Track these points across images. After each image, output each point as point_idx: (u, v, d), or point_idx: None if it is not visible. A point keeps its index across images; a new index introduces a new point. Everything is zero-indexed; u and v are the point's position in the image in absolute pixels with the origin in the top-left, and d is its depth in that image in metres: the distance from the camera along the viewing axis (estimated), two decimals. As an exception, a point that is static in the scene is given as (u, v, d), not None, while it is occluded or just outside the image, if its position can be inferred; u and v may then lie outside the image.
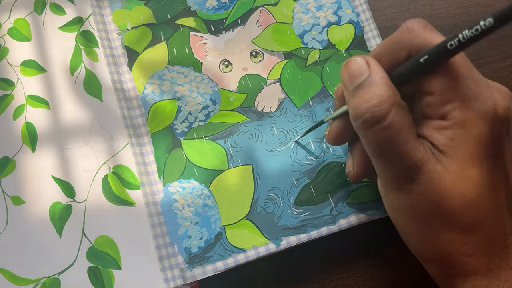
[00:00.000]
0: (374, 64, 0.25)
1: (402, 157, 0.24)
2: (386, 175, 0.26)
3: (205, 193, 0.34)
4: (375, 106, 0.24)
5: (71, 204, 0.35)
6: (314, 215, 0.33)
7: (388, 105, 0.24)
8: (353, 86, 0.25)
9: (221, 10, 0.39)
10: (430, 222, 0.25)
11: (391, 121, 0.24)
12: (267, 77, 0.37)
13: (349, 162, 0.31)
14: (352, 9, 0.38)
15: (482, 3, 0.38)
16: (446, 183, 0.24)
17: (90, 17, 0.39)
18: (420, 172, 0.24)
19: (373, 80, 0.25)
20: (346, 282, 0.33)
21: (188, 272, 0.32)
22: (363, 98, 0.24)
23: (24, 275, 0.33)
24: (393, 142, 0.24)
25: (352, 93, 0.25)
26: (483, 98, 0.24)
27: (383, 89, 0.24)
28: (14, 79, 0.38)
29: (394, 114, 0.24)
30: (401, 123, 0.24)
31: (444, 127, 0.24)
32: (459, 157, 0.24)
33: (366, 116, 0.24)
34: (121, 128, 0.36)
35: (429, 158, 0.24)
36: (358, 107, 0.25)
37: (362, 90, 0.25)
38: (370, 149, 0.26)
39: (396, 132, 0.24)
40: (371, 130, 0.24)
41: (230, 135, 0.36)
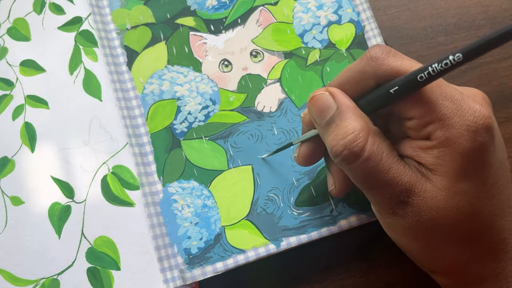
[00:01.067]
0: (339, 95, 0.26)
1: (389, 185, 0.24)
2: (377, 203, 0.26)
3: (204, 194, 0.34)
4: (351, 141, 0.24)
5: (70, 205, 0.35)
6: (315, 216, 0.33)
7: (364, 136, 0.24)
8: (323, 122, 0.26)
9: (221, 9, 0.39)
10: (430, 239, 0.25)
11: (369, 152, 0.24)
12: (267, 77, 0.37)
13: (330, 180, 0.31)
14: (353, 8, 0.38)
15: (483, 2, 0.38)
16: (439, 200, 0.24)
17: (89, 17, 0.39)
18: (412, 194, 0.24)
19: (342, 113, 0.25)
20: (346, 282, 0.33)
21: (187, 273, 0.32)
22: (337, 135, 0.25)
23: (23, 275, 0.33)
24: (377, 172, 0.24)
25: (324, 128, 0.26)
26: (461, 113, 0.24)
27: (354, 121, 0.25)
28: (13, 79, 0.38)
29: (371, 144, 0.24)
30: (379, 151, 0.24)
31: (429, 147, 0.24)
32: (448, 173, 0.24)
33: (344, 153, 0.24)
34: (121, 128, 0.36)
35: (417, 178, 0.24)
36: (335, 145, 0.25)
37: (334, 125, 0.25)
38: (356, 182, 0.26)
39: (377, 161, 0.24)
40: (352, 166, 0.25)
41: (230, 135, 0.36)
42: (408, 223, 0.25)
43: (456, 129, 0.24)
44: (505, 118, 0.36)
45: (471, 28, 0.38)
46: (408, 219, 0.25)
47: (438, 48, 0.37)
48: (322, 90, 0.26)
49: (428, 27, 0.38)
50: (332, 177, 0.31)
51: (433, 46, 0.37)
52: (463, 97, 0.24)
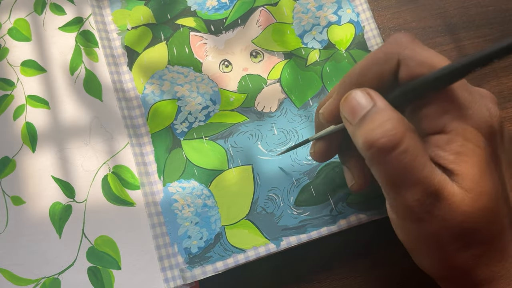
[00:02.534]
0: (375, 93, 0.25)
1: (422, 184, 0.23)
2: (402, 205, 0.24)
3: (205, 193, 0.34)
4: (390, 130, 0.23)
5: (71, 204, 0.35)
6: (314, 215, 0.33)
7: (402, 128, 0.23)
8: (358, 118, 0.24)
9: (221, 10, 0.39)
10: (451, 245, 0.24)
11: (408, 144, 0.23)
12: (267, 77, 0.37)
13: (348, 176, 0.30)
14: (352, 9, 0.38)
15: (482, 3, 0.38)
16: (466, 203, 0.23)
17: (90, 17, 0.39)
18: (440, 197, 0.23)
19: (379, 108, 0.24)
20: (346, 282, 0.33)
21: (188, 272, 0.32)
22: (374, 125, 0.23)
23: (24, 275, 0.33)
24: (412, 167, 0.23)
25: (358, 124, 0.24)
26: (478, 107, 0.23)
27: (392, 114, 0.23)
28: (14, 79, 0.38)
29: (409, 137, 0.23)
30: (417, 146, 0.23)
31: (447, 142, 0.23)
32: (471, 172, 0.23)
33: (381, 141, 0.23)
34: (121, 128, 0.36)
35: (446, 181, 0.23)
36: (370, 134, 0.23)
37: (369, 119, 0.24)
38: (386, 178, 0.24)
39: (414, 156, 0.23)
40: (388, 158, 0.23)
41: (230, 135, 0.36)
42: (432, 228, 0.24)
43: (473, 121, 0.23)
44: (504, 118, 0.36)
45: (471, 29, 0.38)
46: (433, 224, 0.23)
47: (438, 48, 0.37)
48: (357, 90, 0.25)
49: (428, 27, 0.38)
50: (350, 172, 0.30)
51: (433, 47, 0.38)
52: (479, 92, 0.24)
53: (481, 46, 0.37)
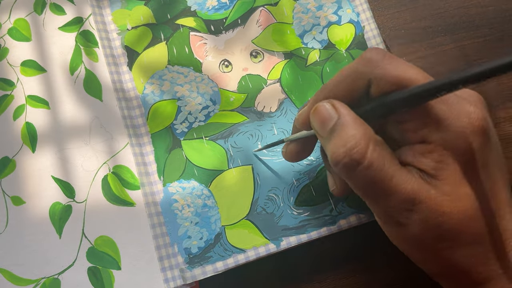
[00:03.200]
0: (340, 105, 0.26)
1: (392, 193, 0.24)
2: (380, 213, 0.26)
3: (205, 193, 0.34)
4: (352, 148, 0.24)
5: (71, 204, 0.35)
6: (314, 216, 0.33)
7: (364, 143, 0.24)
8: (325, 132, 0.25)
9: (221, 10, 0.39)
10: (436, 245, 0.25)
11: (371, 159, 0.24)
12: (267, 77, 0.37)
13: (330, 180, 0.31)
14: (353, 9, 0.38)
15: (482, 3, 0.38)
16: (444, 205, 0.24)
17: (90, 17, 0.39)
18: (416, 202, 0.24)
19: (343, 121, 0.25)
20: (346, 282, 0.33)
21: (188, 273, 0.32)
22: (338, 142, 0.24)
23: (24, 275, 0.33)
24: (378, 180, 0.24)
25: (326, 139, 0.25)
26: (456, 115, 0.24)
27: (355, 129, 0.24)
28: (14, 79, 0.38)
29: (372, 150, 0.24)
30: (381, 158, 0.24)
31: (428, 151, 0.24)
32: (450, 177, 0.24)
33: (345, 160, 0.24)
34: (121, 128, 0.36)
35: (421, 186, 0.24)
36: (336, 152, 0.24)
37: (335, 134, 0.25)
38: (358, 191, 0.26)
39: (379, 169, 0.24)
40: (354, 173, 0.24)
41: (230, 135, 0.36)
42: (414, 231, 0.25)
43: (452, 131, 0.24)
44: (504, 118, 0.36)
45: (471, 29, 0.38)
46: (414, 228, 0.25)
47: (438, 49, 0.37)
48: (324, 102, 0.26)
49: (427, 27, 0.38)
50: (332, 177, 0.31)
51: (433, 47, 0.38)
52: (457, 99, 0.24)
53: (481, 46, 0.37)
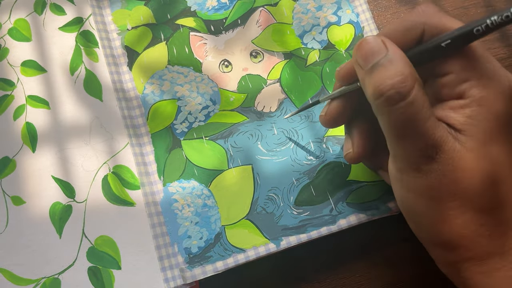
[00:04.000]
0: (391, 42, 0.25)
1: (423, 135, 0.24)
2: (404, 155, 0.25)
3: (205, 193, 0.34)
4: (400, 82, 0.23)
5: (71, 204, 0.35)
6: (314, 215, 0.33)
7: (411, 81, 0.23)
8: (370, 65, 0.25)
9: (221, 10, 0.39)
10: (447, 202, 0.24)
11: (415, 97, 0.23)
12: (267, 77, 0.37)
13: (347, 144, 0.31)
14: (352, 10, 0.38)
15: (482, 3, 0.38)
16: (467, 161, 0.24)
17: (90, 17, 0.39)
18: (440, 151, 0.24)
19: (392, 57, 0.24)
20: (346, 282, 0.33)
21: (188, 272, 0.32)
22: (385, 75, 0.24)
23: (24, 275, 0.33)
24: (416, 119, 0.24)
25: (369, 71, 0.25)
26: (499, 77, 0.24)
27: (405, 66, 0.24)
28: (14, 80, 0.38)
29: (417, 90, 0.24)
30: (423, 99, 0.24)
31: (462, 106, 0.24)
32: (478, 134, 0.24)
33: (390, 92, 0.23)
34: (121, 128, 0.36)
35: (448, 136, 0.24)
36: (382, 84, 0.24)
37: (382, 67, 0.24)
38: (391, 127, 0.25)
39: (419, 108, 0.23)
40: (395, 108, 0.24)
41: (230, 135, 0.36)
42: (430, 181, 0.24)
43: (492, 90, 0.23)
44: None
45: (470, 29, 0.38)
46: (431, 177, 0.24)
47: (437, 49, 0.38)
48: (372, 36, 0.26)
49: (427, 27, 0.38)
50: (350, 140, 0.30)
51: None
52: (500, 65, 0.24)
53: (480, 46, 0.37)
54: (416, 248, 0.33)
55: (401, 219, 0.29)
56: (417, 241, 0.33)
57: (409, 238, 0.33)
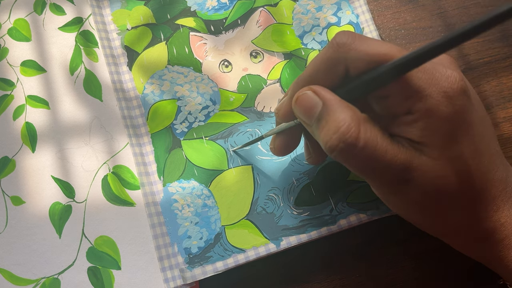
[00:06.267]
0: (322, 90, 0.26)
1: (388, 167, 0.24)
2: (379, 186, 0.27)
3: (205, 193, 0.34)
4: (344, 133, 0.24)
5: (71, 204, 0.35)
6: (314, 215, 0.33)
7: (356, 125, 0.24)
8: (312, 120, 0.26)
9: (221, 10, 0.39)
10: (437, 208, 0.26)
11: (364, 139, 0.24)
12: (267, 77, 0.37)
13: (306, 150, 0.32)
14: (352, 11, 0.38)
15: (482, 3, 0.38)
16: (437, 169, 0.24)
17: (90, 17, 0.39)
18: (411, 170, 0.25)
19: (329, 107, 0.25)
20: (346, 282, 0.33)
21: (188, 272, 0.32)
22: (329, 130, 0.24)
23: (23, 275, 0.33)
24: (374, 157, 0.24)
25: (315, 126, 0.26)
26: (435, 82, 0.24)
27: (343, 112, 0.24)
28: (14, 79, 0.38)
29: (364, 131, 0.24)
30: (374, 136, 0.24)
31: (413, 121, 0.24)
32: (438, 142, 0.24)
33: (340, 146, 0.24)
34: (121, 128, 0.36)
35: (412, 154, 0.25)
36: (329, 140, 0.24)
37: (323, 121, 0.25)
38: (355, 171, 0.26)
39: (373, 147, 0.24)
40: (350, 156, 0.24)
41: (230, 135, 0.36)
42: (413, 197, 0.26)
43: (434, 98, 0.24)
44: (504, 118, 0.36)
45: (470, 29, 0.38)
46: (413, 194, 0.25)
47: (437, 49, 0.37)
48: (305, 89, 0.26)
49: (428, 27, 0.38)
50: (307, 146, 0.31)
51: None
52: (432, 65, 0.24)
53: (480, 46, 0.37)
54: (416, 248, 0.33)
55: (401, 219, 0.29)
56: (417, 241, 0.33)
57: (409, 238, 0.34)
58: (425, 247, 0.33)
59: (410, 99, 0.24)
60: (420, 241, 0.33)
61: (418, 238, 0.33)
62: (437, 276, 0.33)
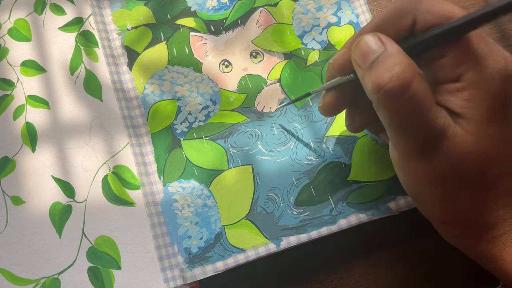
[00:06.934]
0: (386, 39, 0.25)
1: (426, 126, 0.24)
2: (407, 145, 0.25)
3: (205, 193, 0.34)
4: (399, 74, 0.23)
5: (71, 204, 0.35)
6: (314, 215, 0.33)
7: (411, 72, 0.23)
8: (368, 62, 0.25)
9: (221, 10, 0.39)
10: (451, 185, 0.25)
11: (416, 88, 0.23)
12: (267, 77, 0.37)
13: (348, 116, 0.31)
14: (352, 10, 0.38)
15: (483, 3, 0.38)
16: (469, 144, 0.24)
17: (90, 17, 0.39)
18: (443, 138, 0.24)
19: (389, 52, 0.24)
20: (346, 282, 0.33)
21: (188, 272, 0.32)
22: (383, 69, 0.24)
23: (24, 275, 0.33)
24: (418, 111, 0.23)
25: (368, 68, 0.25)
26: (494, 57, 0.24)
27: (402, 58, 0.24)
28: (14, 79, 0.38)
29: (418, 81, 0.23)
30: (424, 90, 0.23)
31: (459, 89, 0.24)
32: (477, 117, 0.24)
33: (390, 85, 0.23)
34: (121, 128, 0.36)
35: (449, 123, 0.24)
36: (380, 77, 0.23)
37: (380, 63, 0.24)
38: (393, 121, 0.25)
39: (421, 99, 0.23)
40: (395, 100, 0.23)
41: (230, 135, 0.36)
42: (434, 168, 0.25)
43: (488, 70, 0.23)
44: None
45: (470, 29, 0.38)
46: (435, 164, 0.25)
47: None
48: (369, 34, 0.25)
49: (427, 28, 0.38)
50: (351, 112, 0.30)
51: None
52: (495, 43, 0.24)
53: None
54: (416, 248, 0.33)
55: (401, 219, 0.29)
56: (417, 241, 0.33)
57: (409, 238, 0.34)
58: (425, 247, 0.33)
59: (464, 65, 0.24)
60: (420, 241, 0.33)
61: (418, 238, 0.33)
62: (437, 276, 0.33)
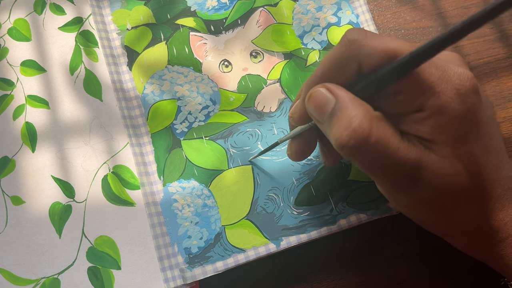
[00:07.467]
0: (336, 87, 0.25)
1: (399, 165, 0.24)
2: (389, 185, 0.26)
3: (205, 193, 0.34)
4: (356, 129, 0.23)
5: (71, 204, 0.35)
6: (314, 215, 0.33)
7: (368, 122, 0.24)
8: (325, 118, 0.25)
9: (221, 10, 0.39)
10: (445, 206, 0.26)
11: (376, 136, 0.23)
12: (267, 77, 0.37)
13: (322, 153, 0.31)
14: (352, 11, 0.38)
15: (483, 3, 0.38)
16: (446, 168, 0.24)
17: (90, 17, 0.39)
18: (421, 169, 0.24)
19: (342, 104, 0.24)
20: (346, 282, 0.33)
21: (188, 272, 0.32)
22: (341, 126, 0.24)
23: (23, 275, 0.33)
24: (386, 155, 0.24)
25: (327, 124, 0.25)
26: (448, 79, 0.24)
27: (355, 109, 0.24)
28: (14, 79, 0.38)
29: (376, 128, 0.24)
30: (386, 133, 0.24)
31: (424, 118, 0.24)
32: (448, 140, 0.24)
33: (351, 142, 0.24)
34: (121, 128, 0.36)
35: (422, 152, 0.24)
36: (340, 137, 0.24)
37: (335, 118, 0.24)
38: (365, 169, 0.25)
39: (385, 143, 0.24)
40: (360, 154, 0.24)
41: (230, 135, 0.36)
42: (423, 196, 0.25)
43: (446, 95, 0.24)
44: (504, 118, 0.36)
45: (470, 29, 0.38)
46: (422, 193, 0.25)
47: (437, 49, 0.37)
48: (318, 87, 0.26)
49: (428, 27, 0.38)
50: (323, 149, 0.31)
51: (432, 47, 0.38)
52: (445, 63, 0.24)
53: (480, 47, 0.37)
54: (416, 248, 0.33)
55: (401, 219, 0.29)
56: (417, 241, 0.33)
57: (409, 238, 0.34)
58: (425, 247, 0.33)
59: (422, 96, 0.24)
60: (420, 241, 0.33)
61: (418, 238, 0.33)
62: (437, 276, 0.33)
